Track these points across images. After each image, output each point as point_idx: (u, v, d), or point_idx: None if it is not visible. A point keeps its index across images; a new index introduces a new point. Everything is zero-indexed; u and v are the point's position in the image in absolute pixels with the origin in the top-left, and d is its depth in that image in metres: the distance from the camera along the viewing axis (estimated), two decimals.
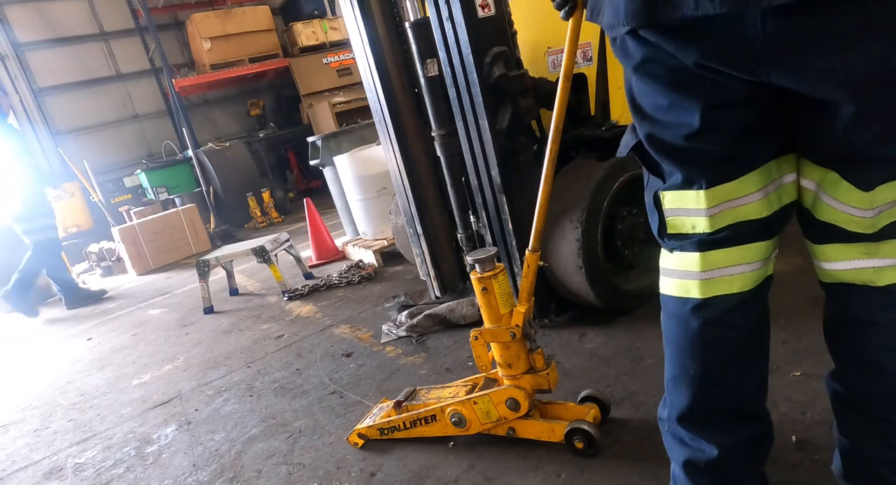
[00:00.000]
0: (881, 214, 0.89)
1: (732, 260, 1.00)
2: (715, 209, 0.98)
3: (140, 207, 8.62)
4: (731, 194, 0.97)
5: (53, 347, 4.35)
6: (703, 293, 1.02)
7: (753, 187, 0.97)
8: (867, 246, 0.92)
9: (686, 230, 1.02)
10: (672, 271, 1.08)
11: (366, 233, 4.47)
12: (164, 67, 9.21)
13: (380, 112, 2.76)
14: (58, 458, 2.38)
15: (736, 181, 0.97)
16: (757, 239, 1.00)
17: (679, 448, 1.13)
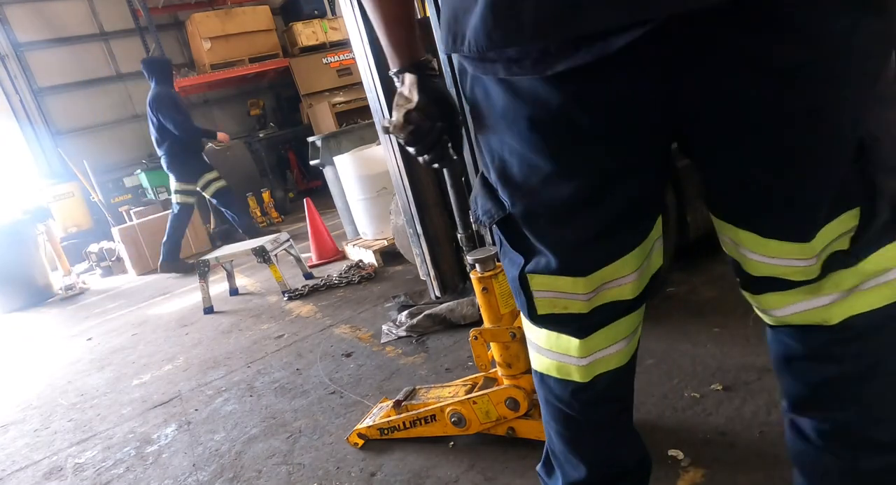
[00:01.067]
0: (818, 261, 0.78)
1: (609, 339, 0.97)
2: (592, 293, 0.92)
3: (140, 207, 8.62)
4: (609, 277, 0.91)
5: (53, 347, 4.35)
6: (585, 377, 0.98)
7: (631, 268, 0.91)
8: (810, 286, 0.81)
9: (559, 310, 0.94)
10: (547, 351, 1.01)
11: (366, 233, 4.47)
12: None
13: (380, 112, 2.76)
14: (58, 458, 2.38)
15: (613, 264, 0.90)
16: (630, 312, 0.97)
17: None
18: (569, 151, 0.81)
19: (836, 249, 0.77)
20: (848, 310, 0.80)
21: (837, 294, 0.79)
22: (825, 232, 0.76)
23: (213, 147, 9.02)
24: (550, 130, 0.79)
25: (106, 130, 10.59)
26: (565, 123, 0.78)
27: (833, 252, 0.77)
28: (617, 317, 0.96)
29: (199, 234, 7.28)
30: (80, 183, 8.98)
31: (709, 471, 1.39)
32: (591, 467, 1.06)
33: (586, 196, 0.83)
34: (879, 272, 0.77)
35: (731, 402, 1.62)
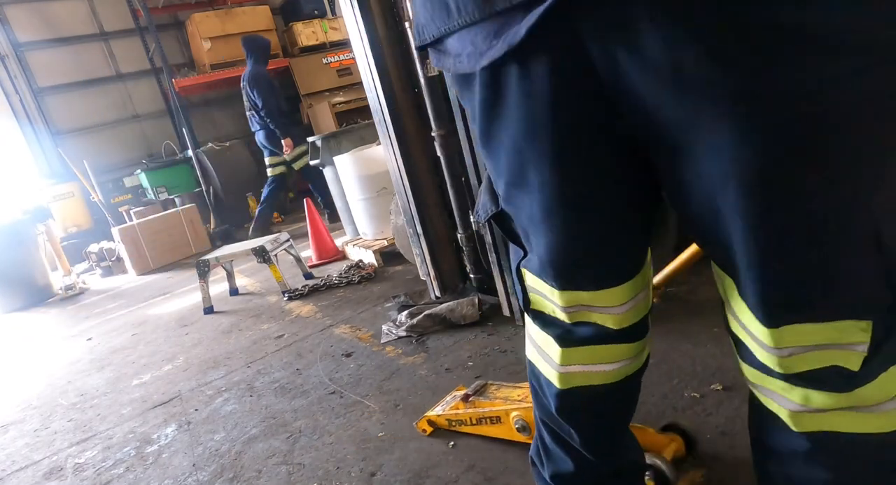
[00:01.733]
0: (794, 356, 0.68)
1: (592, 359, 0.92)
2: (571, 309, 0.88)
3: (140, 207, 8.62)
4: (585, 301, 0.87)
5: (53, 347, 4.35)
6: (562, 385, 0.95)
7: (617, 300, 0.85)
8: (781, 383, 0.72)
9: (548, 312, 0.93)
10: (539, 348, 0.99)
11: (366, 233, 4.47)
12: (164, 67, 9.20)
13: (380, 112, 2.76)
14: (58, 458, 2.38)
15: (592, 293, 0.85)
16: (623, 342, 0.91)
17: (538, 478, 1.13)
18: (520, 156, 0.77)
19: (836, 363, 0.65)
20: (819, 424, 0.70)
21: (815, 408, 0.69)
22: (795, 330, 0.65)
23: (213, 147, 9.02)
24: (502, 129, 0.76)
25: (106, 130, 10.58)
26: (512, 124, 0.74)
27: (831, 366, 0.66)
28: (600, 341, 0.90)
29: (199, 234, 7.27)
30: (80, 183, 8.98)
31: (709, 471, 1.39)
32: (577, 463, 1.04)
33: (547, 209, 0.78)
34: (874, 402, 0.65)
35: (731, 402, 1.62)
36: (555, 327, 0.93)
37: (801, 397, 0.70)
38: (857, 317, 0.62)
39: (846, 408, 0.67)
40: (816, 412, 0.70)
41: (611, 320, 0.87)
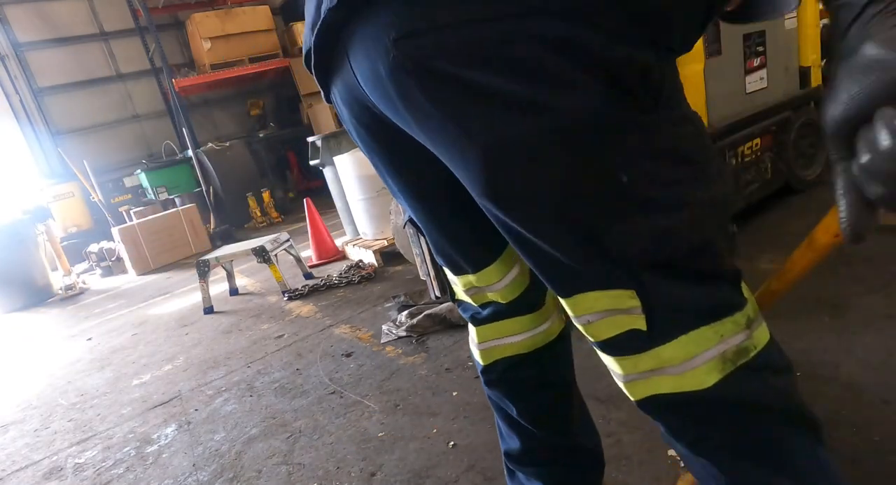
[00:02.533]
0: (592, 324, 0.75)
1: (501, 333, 1.05)
2: (470, 292, 1.02)
3: (140, 207, 8.63)
4: (477, 283, 1.00)
5: (53, 347, 4.35)
6: (485, 360, 1.08)
7: (494, 278, 0.98)
8: (604, 356, 0.80)
9: (462, 298, 1.07)
10: (470, 337, 1.13)
11: (366, 233, 4.47)
12: (164, 67, 9.21)
13: None
14: (58, 458, 2.38)
15: (475, 275, 0.98)
16: (517, 315, 1.03)
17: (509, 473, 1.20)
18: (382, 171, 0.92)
19: (629, 327, 0.73)
20: (645, 390, 0.77)
21: (637, 374, 0.76)
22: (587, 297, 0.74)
23: (213, 147, 9.03)
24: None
25: (106, 130, 10.60)
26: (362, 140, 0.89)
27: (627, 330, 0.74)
28: (501, 317, 1.04)
29: (199, 234, 7.28)
30: (80, 183, 8.99)
31: None
32: (522, 438, 1.10)
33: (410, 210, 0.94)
34: (673, 363, 0.73)
35: None
36: (468, 312, 1.08)
37: (619, 367, 0.78)
38: (621, 287, 0.71)
39: (658, 369, 0.74)
40: (638, 379, 0.77)
41: (499, 296, 1.00)
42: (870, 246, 2.44)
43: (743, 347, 0.73)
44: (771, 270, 2.40)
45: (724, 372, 0.72)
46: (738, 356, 0.72)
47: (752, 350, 0.73)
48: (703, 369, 0.72)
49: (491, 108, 0.64)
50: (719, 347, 0.72)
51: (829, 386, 1.59)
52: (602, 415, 1.71)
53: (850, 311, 1.96)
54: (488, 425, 1.81)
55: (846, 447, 1.35)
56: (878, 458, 1.30)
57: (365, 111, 0.81)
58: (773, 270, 2.40)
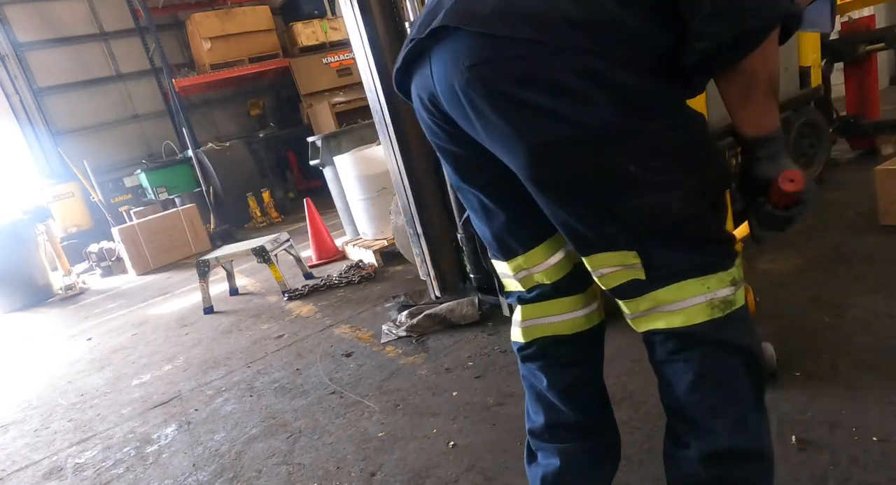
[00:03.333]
0: (605, 276, 1.02)
1: (544, 312, 1.19)
2: (519, 274, 1.18)
3: (140, 207, 8.62)
4: (524, 265, 1.16)
5: (53, 347, 4.35)
6: (525, 339, 1.21)
7: (541, 259, 1.15)
8: (623, 301, 1.05)
9: (511, 288, 1.24)
10: (513, 321, 1.26)
11: (366, 233, 4.47)
12: (164, 67, 9.21)
13: (380, 112, 2.76)
14: (58, 458, 2.38)
15: (522, 256, 1.15)
16: (560, 296, 1.18)
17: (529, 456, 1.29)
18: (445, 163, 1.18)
19: (631, 277, 0.99)
20: (646, 325, 1.03)
21: (639, 312, 1.03)
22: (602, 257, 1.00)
23: (213, 147, 9.03)
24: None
25: (106, 130, 10.59)
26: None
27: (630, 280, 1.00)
28: (546, 298, 1.18)
29: (199, 234, 7.27)
30: (80, 183, 8.98)
31: None
32: (548, 415, 1.22)
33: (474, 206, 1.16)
34: (667, 302, 0.99)
35: None
36: (516, 296, 1.23)
37: (626, 308, 1.05)
38: (626, 249, 0.97)
39: (655, 308, 1.01)
40: (640, 316, 1.03)
41: (545, 276, 1.16)
42: (870, 246, 2.44)
43: (728, 299, 0.97)
44: (771, 270, 2.40)
45: (711, 316, 0.97)
46: (725, 306, 0.97)
47: (736, 304, 0.98)
48: (691, 310, 0.97)
49: (536, 117, 0.90)
50: (707, 296, 0.97)
51: (828, 386, 1.59)
52: None
53: (850, 311, 1.96)
54: (488, 425, 1.81)
55: (846, 447, 1.35)
56: (878, 458, 1.30)
57: (438, 113, 1.06)
58: (773, 271, 2.40)
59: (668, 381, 1.06)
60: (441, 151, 1.14)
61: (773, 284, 2.17)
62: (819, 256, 2.44)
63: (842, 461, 1.31)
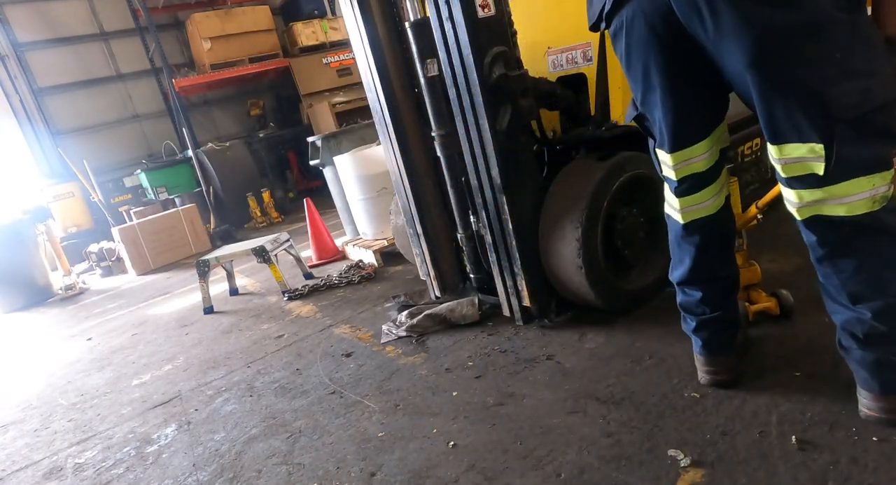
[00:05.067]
0: (788, 165, 1.26)
1: (697, 201, 1.55)
2: (678, 165, 1.50)
3: (140, 207, 8.62)
4: (688, 156, 1.49)
5: (53, 347, 4.35)
6: (684, 220, 1.59)
7: (702, 151, 1.48)
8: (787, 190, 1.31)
9: (666, 174, 1.56)
10: (667, 200, 1.64)
11: (366, 233, 4.47)
12: (164, 67, 9.20)
13: (380, 112, 2.76)
14: (58, 458, 2.38)
15: (690, 148, 1.48)
16: (705, 186, 1.53)
17: (679, 296, 1.70)
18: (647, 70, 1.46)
19: (810, 171, 1.23)
20: (809, 212, 1.28)
21: (806, 202, 1.27)
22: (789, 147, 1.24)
23: (213, 147, 9.03)
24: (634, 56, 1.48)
25: (106, 130, 10.59)
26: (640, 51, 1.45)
27: (809, 172, 1.23)
28: (701, 186, 1.52)
29: (199, 234, 7.27)
30: (80, 183, 8.97)
31: (709, 471, 1.39)
32: (690, 270, 1.61)
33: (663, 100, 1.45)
34: (839, 196, 1.22)
35: (731, 402, 1.62)
36: (672, 184, 1.57)
37: (796, 196, 1.28)
38: (815, 141, 1.19)
39: (825, 199, 1.24)
40: (806, 205, 1.27)
41: (700, 165, 1.49)
42: None
43: (886, 195, 1.21)
44: (771, 269, 2.40)
45: (871, 209, 1.21)
46: (883, 200, 1.21)
47: (890, 198, 1.21)
48: (856, 204, 1.21)
49: (765, 6, 1.16)
50: (871, 192, 1.20)
51: (828, 386, 1.59)
52: (602, 415, 1.72)
53: None
54: (488, 425, 1.82)
55: (846, 447, 1.35)
56: (878, 458, 1.30)
57: (664, 25, 1.34)
58: (773, 270, 2.40)
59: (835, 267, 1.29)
60: (652, 61, 1.41)
61: (773, 284, 2.16)
62: None
63: (842, 461, 1.31)
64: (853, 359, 1.39)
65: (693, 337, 1.71)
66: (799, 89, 1.17)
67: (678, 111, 1.44)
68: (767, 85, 1.20)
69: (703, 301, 1.63)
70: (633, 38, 1.41)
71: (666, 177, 1.58)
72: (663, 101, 1.45)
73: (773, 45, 1.17)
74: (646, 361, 1.96)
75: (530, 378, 2.04)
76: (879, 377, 1.34)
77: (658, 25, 1.35)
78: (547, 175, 2.53)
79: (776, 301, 2.02)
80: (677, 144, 1.47)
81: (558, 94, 2.42)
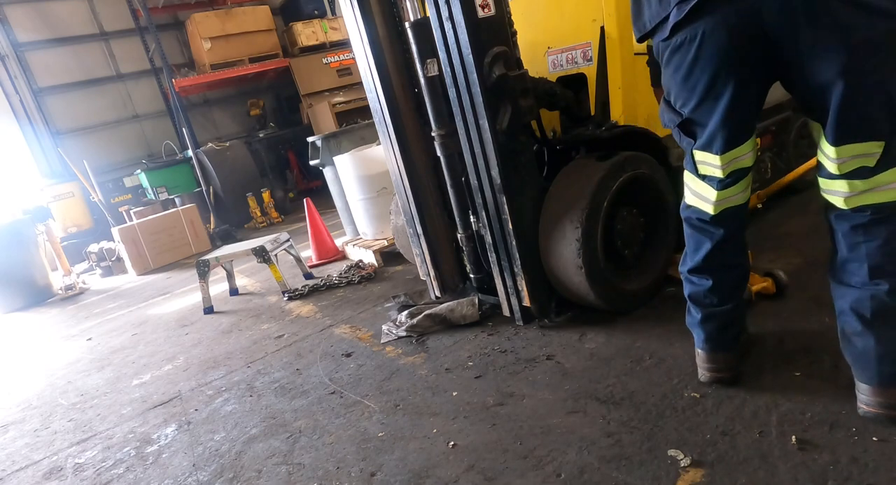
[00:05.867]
0: (843, 163, 1.35)
1: (732, 193, 1.59)
2: (726, 165, 1.55)
3: (140, 207, 8.62)
4: (736, 155, 1.54)
5: (53, 347, 4.35)
6: (715, 211, 1.61)
7: (748, 149, 1.55)
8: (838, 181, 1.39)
9: (709, 173, 1.60)
10: (696, 192, 1.65)
11: (366, 233, 4.47)
12: (164, 67, 9.21)
13: (380, 112, 2.76)
14: (58, 458, 2.38)
15: (739, 147, 1.53)
16: (747, 174, 1.59)
17: (688, 287, 1.72)
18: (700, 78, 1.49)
19: (863, 165, 1.33)
20: (857, 202, 1.36)
21: (856, 192, 1.35)
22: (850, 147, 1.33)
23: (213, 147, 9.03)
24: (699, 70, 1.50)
25: (106, 130, 10.59)
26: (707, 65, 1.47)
27: (861, 166, 1.33)
28: (740, 179, 1.58)
29: (200, 234, 7.27)
30: (80, 183, 8.97)
31: (709, 471, 1.39)
32: (706, 257, 1.65)
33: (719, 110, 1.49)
34: (884, 184, 1.32)
35: (732, 402, 1.62)
36: (713, 181, 1.59)
37: (847, 187, 1.37)
38: (878, 140, 1.30)
39: (872, 189, 1.34)
40: (856, 195, 1.36)
41: (745, 162, 1.56)
42: None
43: None
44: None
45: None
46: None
47: None
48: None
49: (869, 16, 1.23)
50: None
51: (828, 386, 1.59)
52: (602, 415, 1.72)
53: None
54: (488, 425, 1.81)
55: (846, 447, 1.35)
56: (878, 458, 1.30)
57: (747, 36, 1.37)
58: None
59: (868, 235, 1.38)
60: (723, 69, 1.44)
61: None
62: (819, 256, 2.44)
63: (842, 461, 1.31)
64: (854, 349, 1.43)
65: (696, 331, 1.72)
66: (880, 94, 1.27)
67: (737, 118, 1.48)
68: (854, 91, 1.27)
69: (713, 291, 1.65)
70: (706, 50, 1.42)
71: (706, 175, 1.61)
72: (727, 110, 1.47)
73: (868, 53, 1.24)
74: (646, 361, 1.96)
75: (530, 378, 2.04)
76: (879, 368, 1.37)
77: (740, 36, 1.37)
78: (547, 175, 2.53)
79: (772, 280, 2.12)
80: (729, 146, 1.52)
81: (558, 94, 2.43)
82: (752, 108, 1.52)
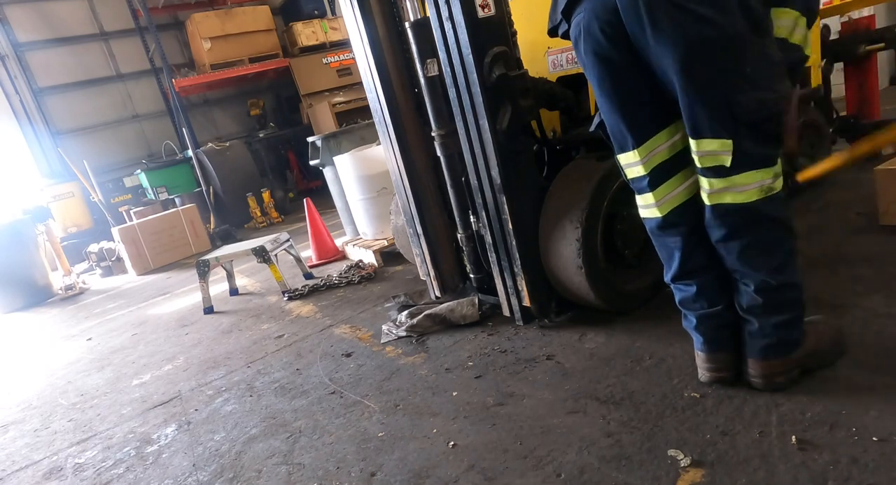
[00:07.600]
0: (703, 157, 1.48)
1: (670, 189, 1.63)
2: (646, 158, 1.60)
3: (140, 207, 8.62)
4: (652, 147, 1.59)
5: (53, 347, 4.35)
6: (662, 212, 1.65)
7: (664, 140, 1.59)
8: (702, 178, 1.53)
9: (633, 175, 1.65)
10: (641, 203, 1.71)
11: (366, 233, 4.47)
12: (164, 67, 9.21)
13: (380, 112, 2.76)
14: (58, 458, 2.38)
15: (651, 140, 1.58)
16: (674, 174, 1.61)
17: (676, 294, 1.75)
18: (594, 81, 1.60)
19: (719, 163, 1.46)
20: (717, 199, 1.50)
21: (716, 189, 1.49)
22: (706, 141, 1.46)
23: (213, 147, 9.03)
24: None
25: (106, 130, 10.59)
26: None
27: (718, 164, 1.46)
28: (668, 176, 1.61)
29: (200, 234, 7.27)
30: (80, 183, 8.98)
31: (709, 471, 1.39)
32: (680, 263, 1.67)
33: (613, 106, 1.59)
34: (740, 185, 1.46)
35: (731, 402, 1.62)
36: (640, 182, 1.64)
37: (708, 184, 1.51)
38: (724, 138, 1.43)
39: (728, 188, 1.48)
40: (715, 192, 1.50)
41: (665, 154, 1.60)
42: (870, 246, 2.44)
43: (771, 186, 1.47)
44: None
45: (761, 196, 1.46)
46: (769, 190, 1.47)
47: (776, 189, 1.48)
48: (749, 192, 1.46)
49: (695, 22, 1.34)
50: (760, 183, 1.46)
51: (828, 385, 1.59)
52: (602, 415, 1.72)
53: (850, 311, 1.96)
54: (488, 425, 1.82)
55: (846, 447, 1.35)
56: (878, 458, 1.30)
57: (613, 28, 1.46)
58: None
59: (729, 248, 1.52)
60: (598, 60, 1.52)
61: None
62: (819, 256, 2.44)
63: (842, 461, 1.31)
64: (745, 331, 1.62)
65: (694, 334, 1.73)
66: (714, 93, 1.40)
67: (633, 110, 1.57)
68: (691, 88, 1.40)
69: (700, 294, 1.67)
70: (588, 44, 1.52)
71: (634, 178, 1.66)
72: (621, 104, 1.57)
73: (700, 55, 1.37)
74: (646, 361, 1.96)
75: (530, 378, 2.04)
76: (755, 343, 1.59)
77: (611, 28, 1.47)
78: (547, 175, 2.53)
79: None
80: (640, 140, 1.59)
81: (558, 94, 2.43)
82: (648, 98, 1.55)
